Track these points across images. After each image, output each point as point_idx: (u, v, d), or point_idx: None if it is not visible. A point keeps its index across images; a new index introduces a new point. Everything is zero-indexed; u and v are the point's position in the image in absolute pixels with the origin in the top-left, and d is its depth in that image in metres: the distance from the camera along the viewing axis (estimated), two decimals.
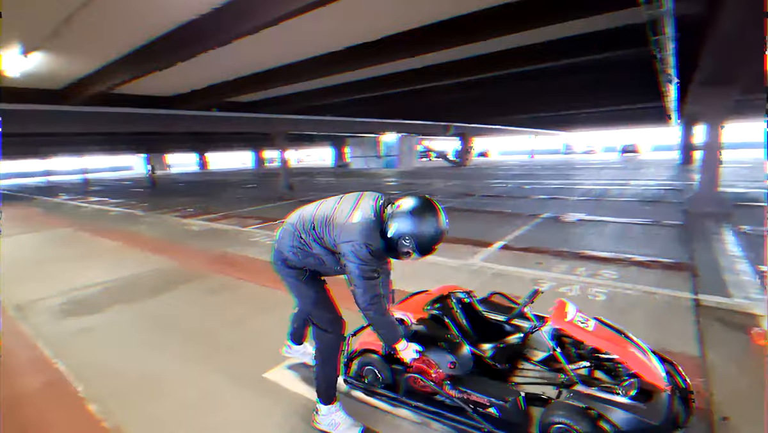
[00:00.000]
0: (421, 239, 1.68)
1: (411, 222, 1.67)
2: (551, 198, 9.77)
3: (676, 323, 2.92)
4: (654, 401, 1.71)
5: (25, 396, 2.44)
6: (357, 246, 1.68)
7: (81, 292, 4.32)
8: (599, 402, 1.65)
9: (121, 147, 28.53)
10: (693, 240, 5.19)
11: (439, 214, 1.71)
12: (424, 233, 1.67)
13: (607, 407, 1.63)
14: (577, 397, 1.70)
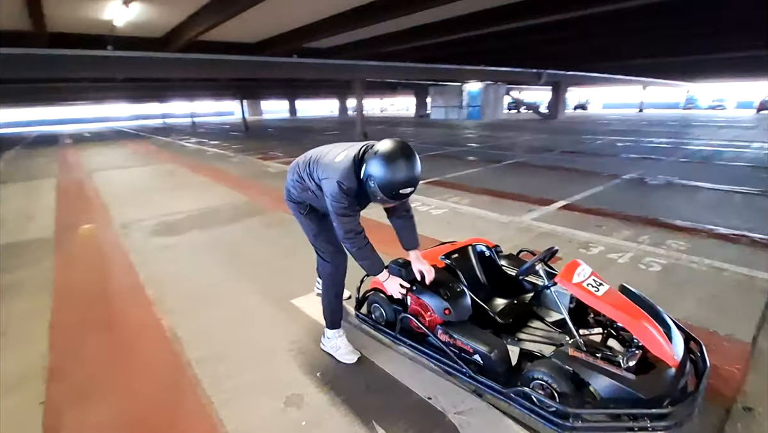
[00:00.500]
0: (383, 181, 1.65)
1: (377, 165, 1.65)
2: (644, 158, 8.61)
3: (738, 304, 2.56)
4: (652, 375, 1.60)
5: (113, 294, 3.05)
6: (331, 183, 1.76)
7: (170, 217, 5.08)
8: (583, 366, 1.59)
9: (222, 93, 31.02)
10: None
11: (407, 160, 1.65)
12: (386, 176, 1.64)
13: (590, 372, 1.56)
14: (562, 357, 1.65)
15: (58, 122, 43.76)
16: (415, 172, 1.68)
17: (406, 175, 1.65)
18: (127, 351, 2.32)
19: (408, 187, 1.68)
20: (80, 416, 1.83)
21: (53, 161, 11.59)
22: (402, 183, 1.66)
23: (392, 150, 1.66)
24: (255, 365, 2.13)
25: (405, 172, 1.65)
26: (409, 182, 1.67)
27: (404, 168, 1.65)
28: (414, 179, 1.69)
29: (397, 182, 1.65)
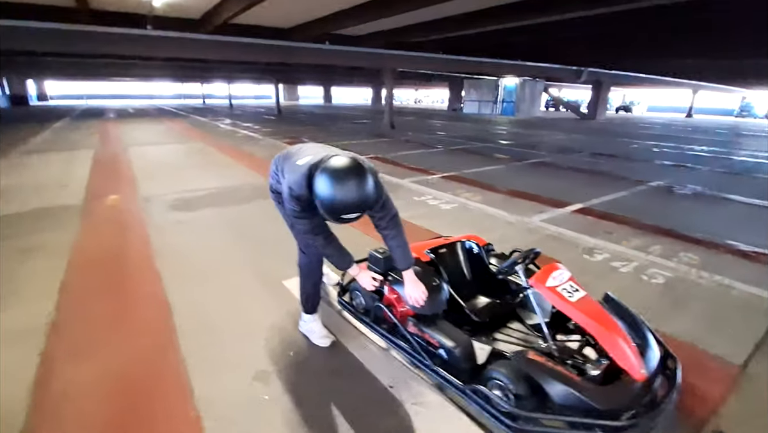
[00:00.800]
0: (325, 202, 1.53)
1: (322, 182, 1.52)
2: (679, 166, 8.16)
3: (738, 325, 2.43)
4: (613, 387, 1.57)
5: (124, 261, 3.25)
6: (286, 186, 1.75)
7: (189, 194, 5.29)
8: (540, 370, 1.57)
9: (261, 77, 31.65)
10: None
11: (354, 183, 1.50)
12: (329, 197, 1.50)
13: (546, 377, 1.54)
14: (520, 360, 1.64)
15: (107, 97, 46.14)
16: (360, 198, 1.52)
17: (350, 200, 1.50)
18: (125, 315, 2.48)
19: (351, 213, 1.54)
20: (70, 369, 1.98)
21: (95, 134, 12.25)
22: (343, 208, 1.52)
23: (340, 169, 1.52)
24: (235, 339, 2.23)
25: (349, 196, 1.50)
26: (352, 208, 1.52)
27: (348, 192, 1.49)
28: (358, 206, 1.53)
29: (338, 206, 1.51)
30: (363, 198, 1.53)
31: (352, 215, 1.55)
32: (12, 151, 8.82)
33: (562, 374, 1.55)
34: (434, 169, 7.10)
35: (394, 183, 6.06)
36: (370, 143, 10.91)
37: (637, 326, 1.88)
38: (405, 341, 2.01)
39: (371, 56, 12.94)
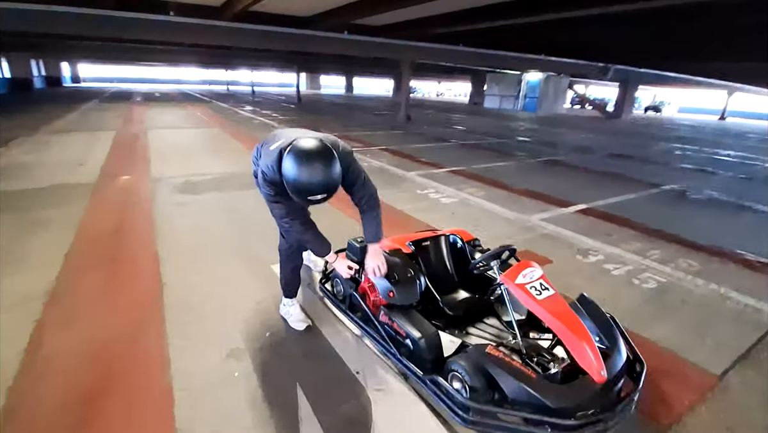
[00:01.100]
0: (290, 182, 1.58)
1: (289, 163, 1.56)
2: (699, 170, 7.87)
3: (725, 334, 2.36)
4: (569, 386, 1.57)
5: (126, 238, 3.38)
6: (260, 170, 1.80)
7: (196, 177, 5.43)
8: (495, 364, 1.58)
9: (283, 65, 31.83)
10: None
11: (320, 164, 1.54)
12: (295, 177, 1.55)
13: (500, 371, 1.55)
14: (478, 353, 1.65)
15: (136, 81, 47.25)
16: (325, 179, 1.55)
17: (315, 181, 1.54)
18: (119, 288, 2.60)
19: (317, 195, 1.57)
20: (60, 336, 2.10)
21: (119, 116, 12.64)
22: (308, 189, 1.56)
23: (306, 151, 1.55)
24: (216, 317, 2.31)
25: (314, 177, 1.54)
26: (318, 189, 1.56)
27: (313, 173, 1.54)
28: (324, 186, 1.56)
29: (304, 187, 1.56)
30: (328, 179, 1.57)
31: (318, 196, 1.58)
32: (41, 129, 9.20)
33: (517, 369, 1.55)
34: (442, 164, 7.06)
35: (400, 175, 6.07)
36: (384, 135, 10.91)
37: (608, 328, 1.86)
38: (375, 329, 2.04)
39: (390, 47, 12.83)
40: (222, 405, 1.69)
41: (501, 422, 1.55)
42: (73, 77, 39.48)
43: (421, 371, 1.77)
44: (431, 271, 2.34)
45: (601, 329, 1.84)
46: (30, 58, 25.22)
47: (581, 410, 1.50)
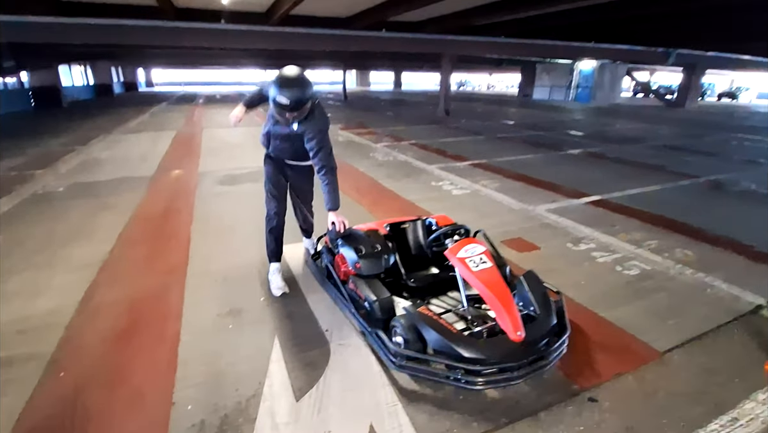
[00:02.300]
0: (271, 97, 2.19)
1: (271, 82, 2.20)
2: (749, 161, 7.28)
3: (688, 318, 2.42)
4: (485, 341, 1.83)
5: (170, 220, 4.02)
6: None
7: (237, 171, 6.08)
8: (423, 321, 1.87)
9: (332, 63, 32.85)
10: None
11: (286, 85, 2.13)
12: (270, 93, 2.18)
13: (426, 326, 1.84)
14: (411, 312, 1.95)
15: (201, 84, 51.08)
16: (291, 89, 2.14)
17: (285, 87, 2.13)
18: (156, 259, 3.18)
19: (282, 102, 2.14)
20: (106, 292, 2.68)
21: (182, 117, 14.01)
22: (279, 96, 2.13)
23: (284, 72, 2.20)
24: (226, 284, 2.79)
25: (281, 87, 2.13)
26: (283, 97, 2.13)
27: (280, 85, 2.13)
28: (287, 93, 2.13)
29: (275, 95, 2.14)
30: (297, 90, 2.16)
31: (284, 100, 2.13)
32: (115, 129, 10.55)
33: (440, 325, 1.84)
34: (467, 156, 7.20)
35: (420, 168, 6.33)
36: (419, 129, 11.14)
37: (544, 300, 2.07)
38: (342, 295, 2.40)
39: (430, 42, 12.99)
40: (213, 348, 2.14)
41: (427, 367, 1.84)
42: (147, 82, 43.57)
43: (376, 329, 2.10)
44: (405, 250, 2.65)
45: (537, 299, 2.05)
46: (110, 66, 28.29)
47: (495, 362, 1.75)
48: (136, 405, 1.77)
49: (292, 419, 1.68)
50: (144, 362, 2.04)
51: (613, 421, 1.69)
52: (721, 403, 1.80)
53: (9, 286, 2.76)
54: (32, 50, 15.01)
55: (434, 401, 1.77)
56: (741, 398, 1.83)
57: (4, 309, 2.47)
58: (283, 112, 2.22)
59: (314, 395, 1.81)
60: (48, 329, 2.28)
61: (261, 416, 1.70)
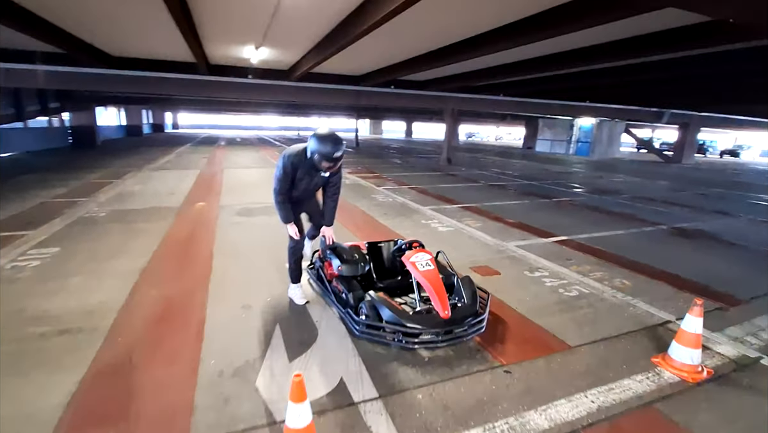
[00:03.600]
0: (317, 150, 2.75)
1: (315, 139, 2.77)
2: (719, 213, 7.92)
3: (602, 326, 3.04)
4: (420, 315, 2.56)
5: (194, 242, 4.80)
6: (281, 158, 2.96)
7: (251, 205, 6.94)
8: (380, 303, 2.59)
9: (346, 113, 35.18)
10: None
11: (332, 143, 2.71)
12: (317, 146, 2.75)
13: (382, 306, 2.57)
14: (373, 297, 2.68)
15: (223, 127, 54.21)
16: (335, 150, 2.74)
17: (329, 151, 2.73)
18: (185, 270, 3.92)
19: (330, 160, 2.76)
20: (147, 291, 3.41)
21: (205, 158, 15.28)
22: (326, 156, 2.73)
23: (324, 132, 2.80)
24: (240, 289, 3.51)
25: (328, 149, 2.73)
26: (331, 155, 2.74)
27: (327, 147, 2.73)
28: (334, 153, 2.74)
29: (324, 155, 2.73)
30: (342, 146, 2.79)
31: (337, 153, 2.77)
32: (145, 167, 11.71)
33: (391, 304, 2.57)
34: (458, 200, 8.00)
35: (415, 209, 7.12)
36: (420, 176, 12.09)
37: (472, 295, 2.80)
38: (328, 292, 3.12)
39: (433, 99, 14.34)
40: (230, 328, 2.83)
41: (381, 334, 2.54)
42: (174, 124, 46.54)
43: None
44: (380, 262, 3.39)
45: (466, 294, 2.77)
46: (141, 109, 30.69)
47: (430, 331, 2.45)
48: (174, 360, 2.45)
49: (285, 372, 2.34)
50: (178, 334, 2.73)
51: (518, 385, 2.31)
52: (606, 378, 2.41)
53: (71, 283, 3.52)
54: (75, 94, 16.82)
55: (386, 366, 2.42)
56: (623, 376, 2.44)
57: (72, 298, 3.22)
58: (330, 164, 2.80)
59: (302, 359, 2.47)
60: (105, 312, 3.00)
61: (263, 369, 2.36)
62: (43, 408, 2.02)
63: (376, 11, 5.32)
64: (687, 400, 2.28)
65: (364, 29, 5.96)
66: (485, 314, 2.76)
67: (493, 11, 6.16)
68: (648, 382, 2.40)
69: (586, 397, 2.23)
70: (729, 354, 2.76)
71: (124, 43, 9.22)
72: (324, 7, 6.03)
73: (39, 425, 1.91)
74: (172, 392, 2.17)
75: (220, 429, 1.91)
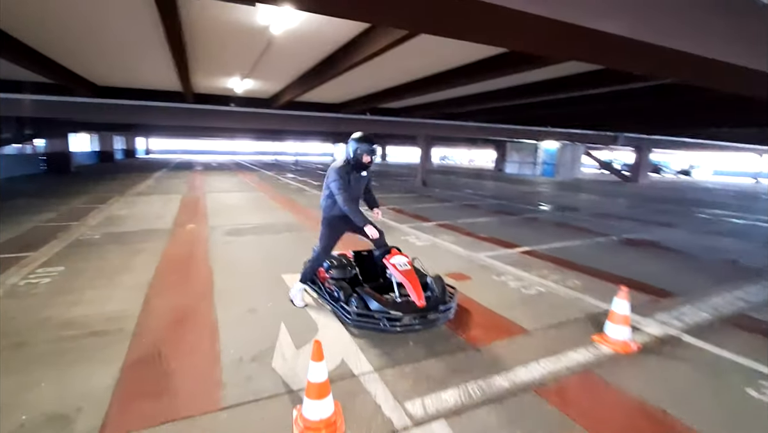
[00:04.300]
0: (357, 148, 3.34)
1: (354, 140, 3.38)
2: (664, 225, 8.90)
3: (554, 315, 3.66)
4: (398, 303, 3.09)
5: (192, 259, 5.19)
6: (331, 172, 3.43)
7: (239, 226, 7.35)
8: (368, 295, 3.13)
9: (324, 137, 35.99)
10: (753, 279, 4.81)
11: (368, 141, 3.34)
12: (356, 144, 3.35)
13: (369, 298, 3.10)
14: (361, 291, 3.21)
15: (197, 152, 53.87)
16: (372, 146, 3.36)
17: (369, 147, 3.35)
18: (188, 282, 4.31)
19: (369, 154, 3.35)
20: (159, 299, 3.80)
21: (184, 183, 15.49)
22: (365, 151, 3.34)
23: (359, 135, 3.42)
24: (242, 295, 3.94)
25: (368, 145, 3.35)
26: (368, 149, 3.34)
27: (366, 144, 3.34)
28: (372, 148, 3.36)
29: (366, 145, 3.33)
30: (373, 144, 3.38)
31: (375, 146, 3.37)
32: (127, 192, 11.87)
33: (377, 296, 3.09)
34: (433, 218, 8.65)
35: (393, 226, 7.71)
36: (397, 197, 12.76)
37: (442, 289, 3.36)
38: (322, 292, 3.63)
39: (407, 125, 15.21)
40: (240, 327, 3.27)
41: (370, 321, 3.05)
42: (146, 150, 45.96)
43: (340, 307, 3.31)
44: (364, 267, 3.91)
45: (437, 288, 3.34)
46: (113, 135, 30.41)
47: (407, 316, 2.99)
48: (197, 352, 2.87)
49: (295, 356, 2.80)
50: (195, 333, 3.15)
51: (485, 358, 2.86)
52: (555, 351, 2.99)
53: (86, 296, 3.86)
54: (50, 121, 16.79)
55: (378, 348, 2.92)
56: (568, 350, 3.03)
57: (91, 308, 3.57)
58: (370, 156, 3.38)
59: (307, 347, 2.94)
60: (126, 318, 3.38)
61: (276, 355, 2.82)
62: (95, 388, 2.41)
63: (361, 52, 6.05)
64: (618, 366, 2.88)
65: (348, 66, 6.67)
66: (453, 303, 3.32)
67: (457, 54, 7.05)
68: (588, 354, 3.00)
69: (538, 365, 2.80)
70: (656, 333, 3.41)
71: (112, 75, 9.61)
72: (313, 45, 6.70)
73: (96, 400, 2.30)
74: (202, 374, 2.60)
75: (249, 397, 2.36)
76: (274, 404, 2.32)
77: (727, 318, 3.77)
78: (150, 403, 2.30)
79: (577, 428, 2.21)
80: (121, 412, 2.23)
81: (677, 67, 3.96)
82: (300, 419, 2.10)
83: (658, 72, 5.48)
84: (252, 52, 7.15)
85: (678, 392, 2.57)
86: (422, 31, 4.10)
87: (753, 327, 3.60)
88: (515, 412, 2.32)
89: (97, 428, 2.10)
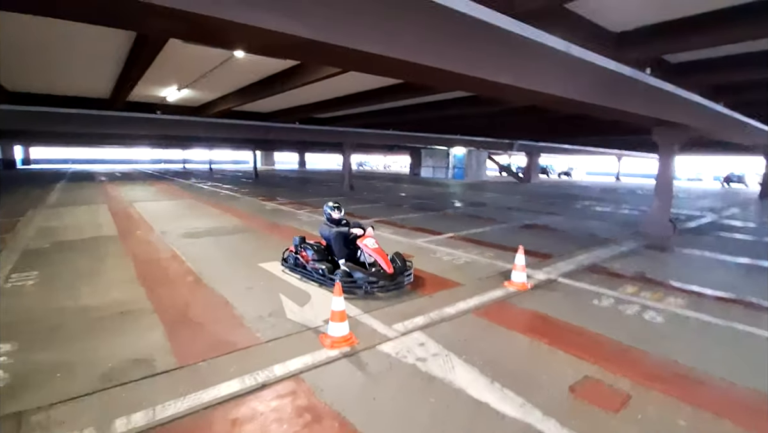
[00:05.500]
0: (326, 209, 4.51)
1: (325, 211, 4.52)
2: (550, 213, 11.27)
3: (477, 273, 5.08)
4: (375, 271, 4.20)
5: (163, 259, 5.65)
6: (326, 231, 4.48)
7: (192, 230, 7.73)
8: (353, 269, 4.18)
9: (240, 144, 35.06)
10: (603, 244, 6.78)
11: (330, 205, 4.57)
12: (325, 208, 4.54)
13: (354, 270, 4.15)
14: (347, 266, 4.24)
15: (89, 162, 48.18)
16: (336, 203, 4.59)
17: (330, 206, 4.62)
18: (177, 274, 4.88)
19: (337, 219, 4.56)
20: (159, 289, 4.36)
21: (98, 193, 14.56)
22: (329, 206, 4.61)
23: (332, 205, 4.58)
24: (233, 281, 4.68)
25: (333, 213, 4.54)
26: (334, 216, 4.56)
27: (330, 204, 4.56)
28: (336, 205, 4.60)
29: (326, 208, 4.63)
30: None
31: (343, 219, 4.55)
32: (40, 205, 11.04)
33: (358, 268, 4.16)
34: (370, 216, 9.84)
35: None
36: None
37: (402, 261, 4.53)
38: (307, 270, 4.58)
39: (333, 133, 16.27)
40: (249, 299, 4.07)
41: (353, 285, 4.11)
42: (24, 160, 40.02)
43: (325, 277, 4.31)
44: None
45: (399, 261, 4.51)
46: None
47: (380, 280, 4.10)
48: (220, 316, 3.64)
49: (302, 311, 3.74)
50: (211, 305, 3.90)
51: (435, 299, 4.10)
52: (480, 292, 4.34)
53: (84, 291, 4.27)
54: None
55: (362, 302, 3.99)
56: (488, 291, 4.40)
57: (99, 298, 4.05)
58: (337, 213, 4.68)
59: (308, 306, 3.89)
60: (139, 302, 3.96)
61: (286, 311, 3.73)
62: (154, 343, 3.10)
63: (301, 78, 7.07)
64: (520, 297, 4.33)
65: (289, 87, 7.61)
66: (411, 270, 4.51)
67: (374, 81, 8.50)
68: (501, 292, 4.42)
69: (472, 300, 4.13)
70: (542, 278, 4.98)
71: (31, 81, 9.11)
72: (264, 65, 7.47)
73: (160, 348, 3.02)
74: (235, 327, 3.41)
75: (281, 334, 3.26)
76: (302, 335, 3.27)
77: (585, 267, 5.55)
78: (205, 345, 3.08)
79: (496, 326, 3.54)
80: (185, 354, 2.98)
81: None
82: (327, 338, 3.10)
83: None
84: (206, 66, 7.64)
85: (554, 306, 4.07)
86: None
87: (600, 271, 5.41)
88: (460, 323, 3.58)
89: (175, 363, 2.85)
